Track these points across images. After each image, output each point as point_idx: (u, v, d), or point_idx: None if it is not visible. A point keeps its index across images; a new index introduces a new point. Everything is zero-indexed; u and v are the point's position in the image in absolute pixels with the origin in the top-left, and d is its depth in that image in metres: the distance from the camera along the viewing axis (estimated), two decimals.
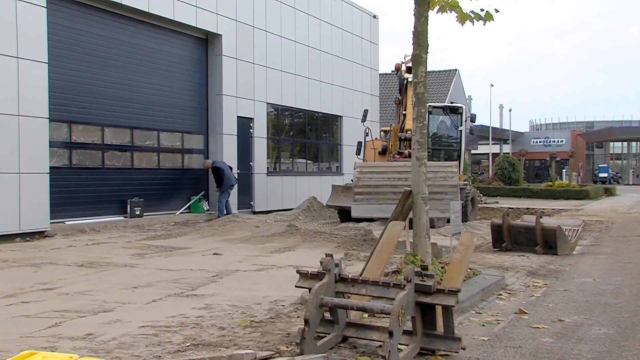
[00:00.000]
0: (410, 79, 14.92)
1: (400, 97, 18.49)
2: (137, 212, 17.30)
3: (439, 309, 5.14)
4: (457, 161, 19.18)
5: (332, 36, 26.15)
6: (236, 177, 19.82)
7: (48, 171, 14.48)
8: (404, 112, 15.06)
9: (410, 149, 14.45)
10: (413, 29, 8.03)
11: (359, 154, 18.84)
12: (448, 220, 16.69)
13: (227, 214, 18.78)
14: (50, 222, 14.53)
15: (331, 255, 5.37)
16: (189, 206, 19.54)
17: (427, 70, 8.12)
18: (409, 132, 14.63)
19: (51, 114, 14.63)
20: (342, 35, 26.91)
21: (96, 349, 5.32)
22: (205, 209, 19.63)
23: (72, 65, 15.81)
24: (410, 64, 15.10)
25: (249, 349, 5.12)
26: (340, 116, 27.22)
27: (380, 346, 5.18)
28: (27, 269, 9.88)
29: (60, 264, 10.29)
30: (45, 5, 14.43)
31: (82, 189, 16.19)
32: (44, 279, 8.89)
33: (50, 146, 14.70)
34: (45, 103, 14.39)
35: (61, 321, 6.33)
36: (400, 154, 14.68)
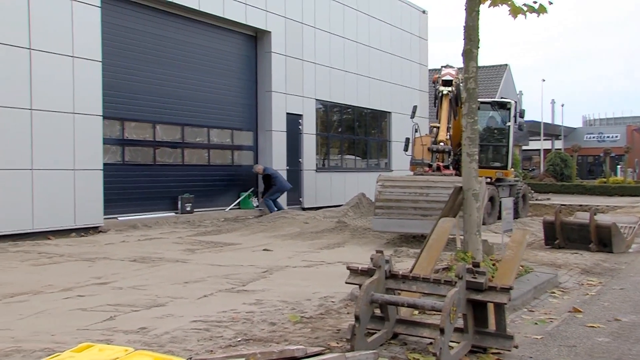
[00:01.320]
0: (445, 92, 14.88)
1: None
2: (188, 208, 17.51)
3: (490, 307, 5.08)
4: (506, 157, 18.92)
5: (380, 32, 26.05)
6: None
7: (102, 168, 14.75)
8: (437, 125, 14.95)
9: (441, 162, 14.33)
10: (464, 24, 7.95)
11: (407, 150, 18.69)
12: (499, 217, 16.49)
13: (277, 210, 18.87)
14: (104, 218, 14.80)
15: (381, 252, 5.35)
16: (239, 202, 19.70)
17: (478, 65, 8.03)
18: (442, 143, 14.54)
19: (104, 112, 14.90)
20: (391, 31, 26.78)
21: (150, 342, 5.40)
22: (255, 205, 19.76)
23: (124, 63, 16.07)
24: (446, 77, 15.01)
25: (300, 345, 5.13)
26: (389, 112, 27.10)
27: (431, 343, 5.15)
28: (83, 263, 10.09)
29: (113, 259, 10.47)
30: (100, 5, 14.69)
31: (134, 185, 16.45)
32: (98, 273, 9.06)
33: (103, 143, 14.97)
34: (99, 101, 14.67)
35: (115, 315, 6.44)
36: (429, 166, 14.52)
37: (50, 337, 5.57)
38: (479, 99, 9.04)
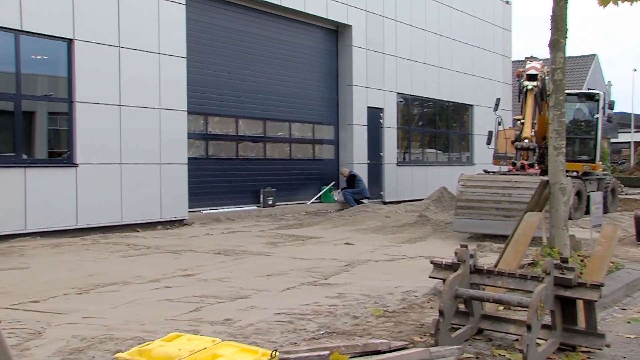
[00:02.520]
0: (529, 87, 14.44)
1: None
2: (270, 202, 17.71)
3: (580, 304, 4.94)
4: (594, 150, 18.35)
5: (463, 23, 25.65)
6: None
7: (186, 162, 15.08)
8: (521, 120, 14.47)
9: (526, 160, 13.90)
10: (551, 13, 7.73)
11: (489, 144, 18.38)
12: (587, 212, 16.00)
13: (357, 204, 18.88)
14: (189, 211, 15.14)
15: (466, 246, 5.28)
16: (320, 196, 19.79)
17: (565, 56, 7.80)
18: (526, 140, 14.09)
19: (189, 107, 15.21)
20: (473, 22, 26.34)
21: (234, 333, 5.48)
22: (336, 198, 19.81)
23: (208, 59, 16.37)
24: (531, 72, 14.57)
25: (383, 339, 5.12)
26: (471, 105, 26.68)
27: (517, 340, 5.04)
28: (169, 255, 10.34)
29: (198, 251, 10.70)
30: (185, 3, 15.01)
31: (218, 179, 16.75)
32: (184, 265, 9.28)
33: (188, 138, 15.30)
34: (184, 96, 14.99)
35: (201, 306, 6.58)
36: (513, 164, 14.10)
37: (140, 326, 5.74)
38: (567, 90, 8.78)
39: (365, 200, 19.47)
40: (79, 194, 12.80)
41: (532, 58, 15.25)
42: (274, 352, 3.97)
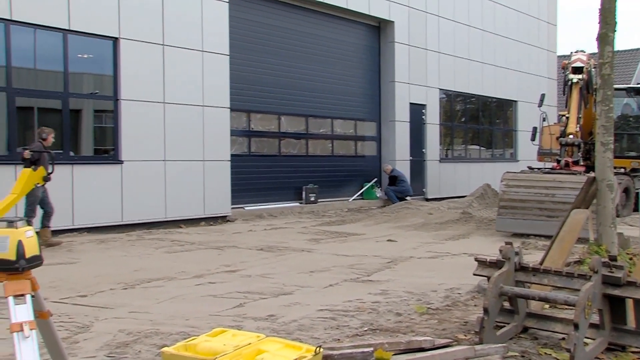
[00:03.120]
0: (575, 80, 14.03)
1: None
2: (312, 199, 17.74)
3: (630, 303, 4.84)
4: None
5: (506, 18, 25.33)
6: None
7: (229, 159, 15.19)
8: (566, 115, 14.07)
9: (571, 156, 13.57)
10: (600, 6, 7.60)
11: (534, 140, 18.11)
12: (635, 209, 15.69)
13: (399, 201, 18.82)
14: (231, 208, 15.25)
15: (510, 244, 5.21)
16: (362, 193, 19.76)
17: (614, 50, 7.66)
18: (571, 136, 13.70)
19: (232, 104, 15.31)
20: (517, 16, 25.99)
21: (278, 329, 5.51)
22: (378, 195, 19.76)
23: (250, 56, 16.45)
24: (576, 64, 14.20)
25: (427, 336, 5.09)
26: (515, 101, 26.35)
27: (564, 339, 4.97)
28: (212, 251, 10.43)
29: (241, 248, 10.77)
30: (228, 0, 15.11)
31: (260, 176, 16.84)
32: (227, 261, 9.35)
33: (230, 135, 15.40)
34: (227, 93, 15.10)
35: (245, 302, 6.62)
36: (557, 162, 13.75)
37: (184, 321, 5.80)
38: (614, 85, 8.61)
39: (407, 198, 19.40)
40: (124, 191, 12.99)
41: (578, 51, 14.86)
42: (317, 349, 3.98)
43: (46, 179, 10.46)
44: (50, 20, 11.99)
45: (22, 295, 3.05)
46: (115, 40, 12.98)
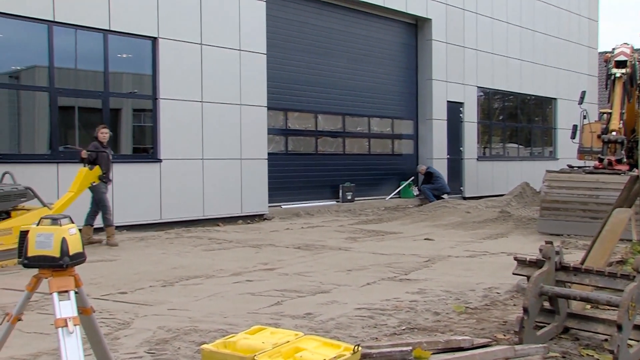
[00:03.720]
0: (618, 75, 13.54)
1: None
2: (349, 197, 17.73)
3: None
4: None
5: (546, 14, 25.02)
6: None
7: (266, 157, 15.26)
8: (608, 112, 13.64)
9: (614, 154, 13.25)
10: None
11: (574, 138, 17.85)
12: None
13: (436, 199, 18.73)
14: (268, 206, 15.31)
15: (551, 243, 5.15)
16: (399, 191, 19.69)
17: None
18: (614, 133, 13.27)
19: (269, 102, 15.37)
20: (558, 13, 25.65)
21: (315, 327, 5.52)
22: (415, 194, 19.68)
23: (287, 55, 16.50)
24: (619, 58, 13.74)
25: (465, 335, 5.06)
26: (555, 98, 26.01)
27: (606, 340, 4.90)
28: (250, 249, 10.49)
29: (279, 246, 10.81)
30: None
31: (297, 174, 16.88)
32: (265, 259, 9.39)
33: (268, 133, 15.47)
34: (264, 92, 15.16)
35: (282, 300, 6.65)
36: (601, 160, 13.36)
37: (223, 318, 5.84)
38: None
39: (445, 196, 19.30)
40: (163, 189, 13.13)
41: (622, 44, 14.35)
42: (356, 347, 3.98)
43: (102, 177, 10.74)
44: (91, 21, 12.17)
45: (66, 291, 3.11)
46: (154, 40, 13.12)
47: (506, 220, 14.25)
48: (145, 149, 13.51)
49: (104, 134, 10.86)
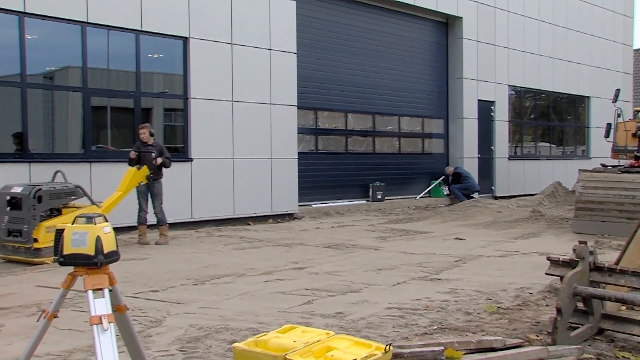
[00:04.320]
0: None
1: None
2: (379, 196, 17.70)
3: None
4: None
5: (579, 12, 24.71)
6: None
7: (296, 156, 15.28)
8: None
9: None
10: None
11: (607, 137, 17.61)
12: None
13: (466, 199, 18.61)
14: (298, 205, 15.33)
15: (585, 243, 5.09)
16: (429, 191, 19.61)
17: None
18: None
19: (299, 102, 15.39)
20: (591, 10, 25.32)
21: (346, 327, 5.51)
22: (445, 193, 19.57)
23: (317, 54, 16.51)
24: None
25: (497, 336, 5.02)
26: (588, 97, 25.69)
27: None
28: (280, 248, 10.52)
29: (309, 245, 10.82)
30: None
31: (327, 173, 16.88)
32: (295, 258, 9.41)
33: (298, 132, 15.49)
34: (294, 91, 15.19)
35: (313, 299, 6.65)
36: (637, 158, 13.11)
37: (254, 317, 5.86)
38: None
39: (475, 195, 19.17)
40: (194, 188, 13.22)
41: None
42: (387, 347, 3.97)
43: (149, 177, 11.00)
44: (124, 22, 12.28)
45: (101, 289, 3.14)
46: (185, 40, 13.21)
47: (538, 220, 14.11)
48: (176, 148, 13.60)
49: (143, 133, 11.03)
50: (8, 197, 9.21)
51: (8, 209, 9.21)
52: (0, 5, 10.75)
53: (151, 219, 11.25)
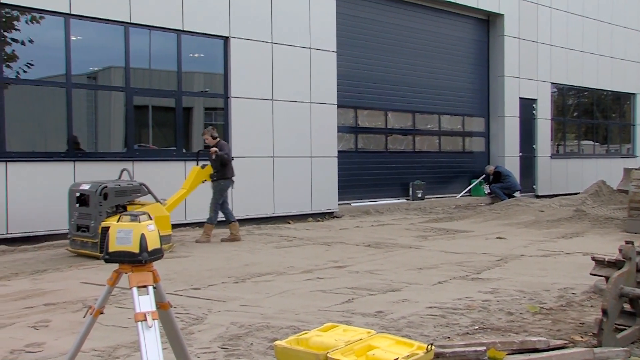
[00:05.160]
0: None
1: None
2: (419, 195, 17.61)
3: None
4: None
5: (625, 7, 24.25)
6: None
7: (336, 155, 15.28)
8: None
9: None
10: None
11: None
12: None
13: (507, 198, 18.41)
14: (338, 204, 15.33)
15: (632, 243, 5.00)
16: (470, 189, 19.44)
17: None
18: None
19: (339, 100, 15.38)
20: (637, 5, 24.83)
21: (387, 326, 5.49)
22: (486, 192, 19.39)
23: (356, 52, 16.47)
24: None
25: (541, 337, 4.95)
26: (634, 94, 25.22)
27: None
28: (320, 247, 10.53)
29: (349, 244, 10.81)
30: None
31: (367, 172, 16.85)
32: (335, 257, 9.41)
33: (337, 131, 15.49)
34: (334, 90, 15.19)
35: (353, 298, 6.64)
36: None
37: (294, 315, 5.88)
38: None
39: (516, 194, 18.95)
40: (234, 186, 13.25)
41: None
42: (429, 346, 3.94)
43: (212, 176, 11.33)
44: (165, 22, 12.42)
45: (145, 286, 3.18)
46: (225, 40, 13.30)
47: (581, 219, 13.90)
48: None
49: (205, 139, 11.37)
50: (78, 194, 9.57)
51: (77, 205, 9.57)
52: (48, 8, 10.96)
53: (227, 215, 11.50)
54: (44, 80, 11.44)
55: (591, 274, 5.28)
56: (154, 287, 3.25)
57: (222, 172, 11.12)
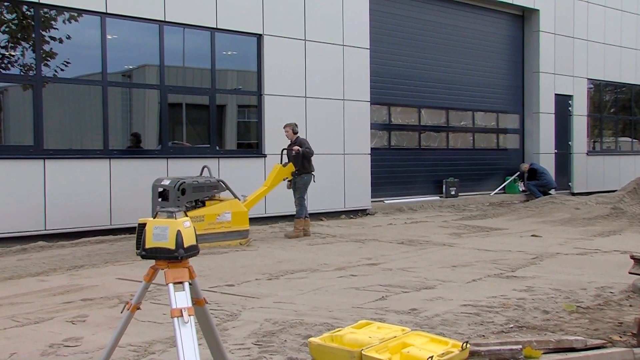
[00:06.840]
0: None
1: None
2: (452, 192, 17.50)
3: None
4: None
5: None
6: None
7: (369, 152, 15.24)
8: None
9: None
10: None
11: None
12: None
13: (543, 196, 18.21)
14: (371, 201, 15.30)
15: None
16: (504, 187, 19.27)
17: None
18: None
19: (372, 97, 15.35)
20: None
21: (421, 323, 5.47)
22: (521, 189, 19.20)
23: (390, 49, 16.41)
24: None
25: (578, 336, 4.89)
26: None
27: None
28: (353, 244, 10.52)
29: (382, 241, 10.79)
30: None
31: (400, 169, 16.79)
32: (368, 254, 9.39)
33: (370, 128, 15.45)
34: (367, 87, 15.15)
35: (386, 295, 6.63)
36: None
37: (328, 312, 5.88)
38: None
39: (552, 191, 18.74)
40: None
41: None
42: (464, 344, 3.92)
43: (294, 173, 11.59)
44: (199, 20, 12.49)
45: (181, 282, 3.20)
46: (259, 37, 13.34)
47: (619, 217, 13.69)
48: (250, 144, 13.76)
49: (286, 132, 11.65)
50: (160, 189, 9.98)
51: (160, 199, 9.98)
52: (85, 7, 11.09)
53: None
54: (80, 78, 11.60)
55: (630, 273, 5.20)
56: (190, 284, 3.28)
57: (304, 167, 11.27)
